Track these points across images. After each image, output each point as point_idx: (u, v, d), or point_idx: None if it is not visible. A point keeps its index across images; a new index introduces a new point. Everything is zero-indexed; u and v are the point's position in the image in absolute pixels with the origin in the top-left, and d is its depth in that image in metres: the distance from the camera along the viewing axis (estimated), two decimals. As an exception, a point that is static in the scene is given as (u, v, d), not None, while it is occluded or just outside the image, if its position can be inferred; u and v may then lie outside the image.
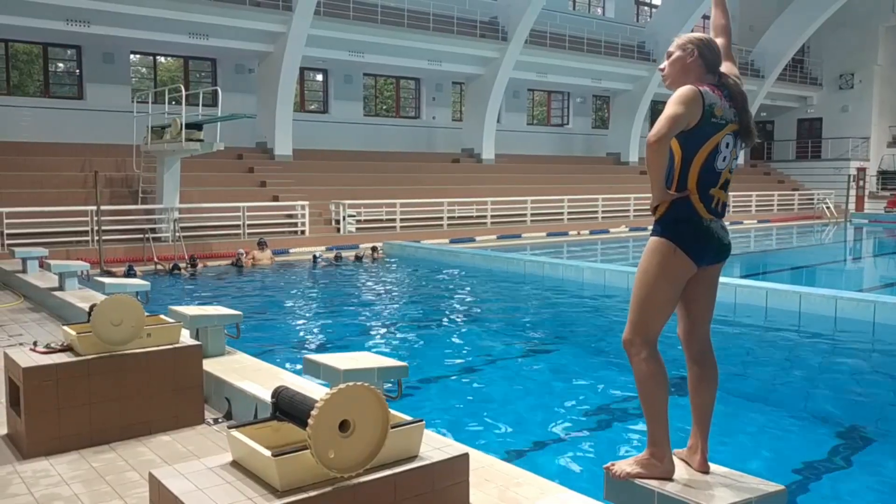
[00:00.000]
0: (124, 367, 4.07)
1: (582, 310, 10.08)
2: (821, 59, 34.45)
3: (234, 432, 2.56)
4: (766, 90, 30.87)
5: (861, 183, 32.53)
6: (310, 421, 2.29)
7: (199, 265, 13.39)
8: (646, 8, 32.48)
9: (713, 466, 2.79)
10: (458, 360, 7.05)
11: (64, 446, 3.87)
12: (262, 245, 14.47)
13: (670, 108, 2.67)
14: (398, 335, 8.26)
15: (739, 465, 2.86)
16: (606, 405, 5.54)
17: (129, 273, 11.69)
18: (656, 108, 31.57)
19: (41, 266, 10.00)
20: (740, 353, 7.32)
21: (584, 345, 7.88)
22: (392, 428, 2.52)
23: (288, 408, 2.58)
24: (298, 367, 4.79)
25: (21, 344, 6.09)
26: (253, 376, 4.64)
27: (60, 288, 8.38)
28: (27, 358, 3.95)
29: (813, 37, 32.04)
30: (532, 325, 9.00)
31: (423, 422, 2.70)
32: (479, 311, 10.01)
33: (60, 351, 4.09)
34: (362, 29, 20.44)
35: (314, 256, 14.60)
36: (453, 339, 8.08)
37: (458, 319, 9.36)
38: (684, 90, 2.72)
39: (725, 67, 2.97)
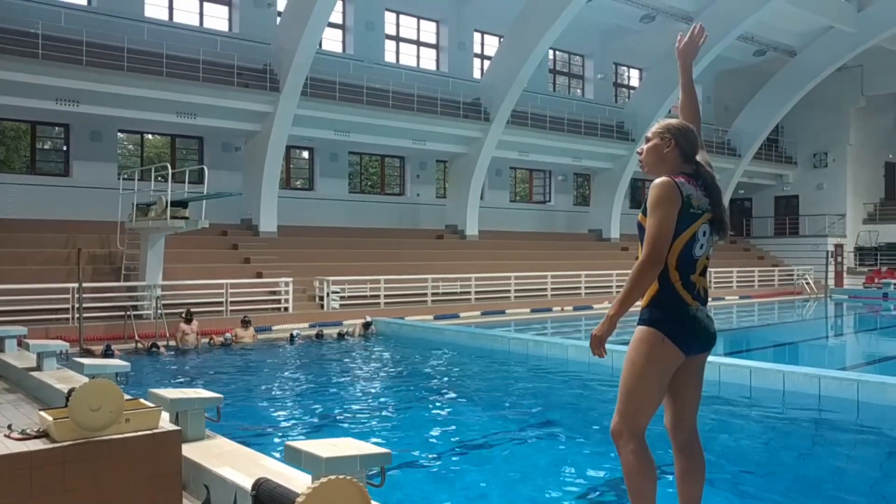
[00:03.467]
0: (101, 454, 3.97)
1: (567, 388, 10.02)
2: (795, 138, 35.48)
3: (213, 526, 2.50)
4: (742, 168, 31.63)
5: (839, 259, 33.02)
6: (291, 516, 2.25)
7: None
8: (624, 89, 33.47)
9: (701, 558, 2.75)
10: (443, 444, 6.95)
11: (35, 538, 3.74)
12: (245, 324, 14.28)
13: (654, 218, 2.71)
14: (381, 417, 8.15)
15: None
16: (594, 490, 5.45)
17: (107, 352, 11.52)
18: (636, 185, 32.20)
19: (19, 345, 9.84)
20: (725, 434, 7.27)
21: (570, 426, 7.80)
22: (375, 521, 2.48)
23: (268, 501, 2.53)
24: (280, 447, 4.71)
25: (-5, 428, 5.94)
26: (233, 462, 4.54)
27: (38, 368, 8.22)
28: (1, 445, 3.86)
29: (787, 117, 33.10)
30: (518, 405, 8.91)
31: (407, 514, 2.65)
32: (464, 390, 9.92)
33: (36, 437, 4.00)
34: (348, 109, 20.87)
35: (291, 335, 14.29)
36: (438, 421, 7.97)
37: (443, 400, 9.26)
38: (660, 189, 2.76)
39: (699, 155, 3.04)
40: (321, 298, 17.72)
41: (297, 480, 3.70)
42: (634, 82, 33.40)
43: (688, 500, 2.82)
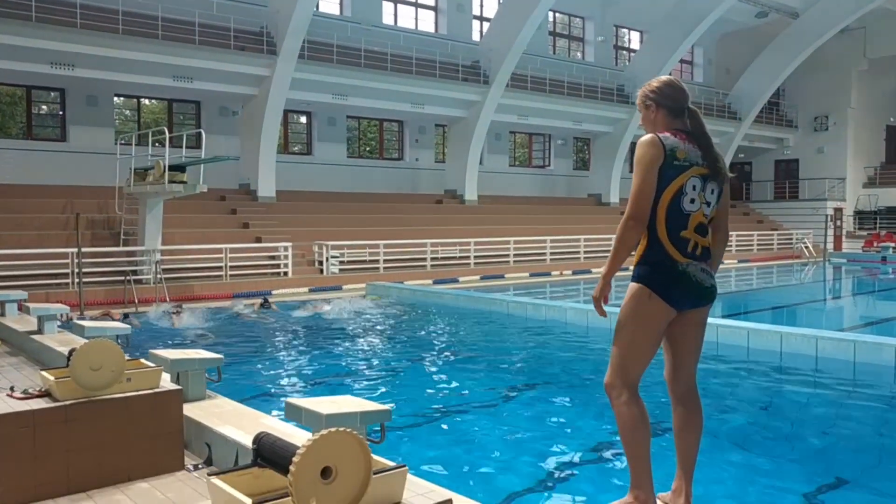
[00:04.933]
0: (103, 412, 4.01)
1: (566, 350, 10.07)
2: (796, 101, 35.23)
3: (215, 479, 2.53)
4: (743, 132, 31.44)
5: (838, 223, 33.00)
6: (291, 468, 2.27)
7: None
8: (624, 52, 33.14)
9: (697, 510, 2.79)
10: (443, 403, 7.01)
11: (39, 495, 3.79)
12: (265, 305, 13.48)
13: (635, 175, 2.81)
14: (382, 377, 8.21)
15: (723, 509, 2.85)
16: (591, 447, 5.51)
17: (124, 319, 11.38)
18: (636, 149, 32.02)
19: (20, 309, 9.88)
20: (723, 394, 7.34)
21: (568, 386, 7.87)
22: (375, 474, 2.50)
23: (269, 454, 2.56)
24: (281, 408, 4.75)
25: (-3, 389, 5.98)
26: (234, 421, 4.58)
27: (39, 331, 8.27)
28: (3, 404, 3.88)
29: (788, 80, 32.81)
30: (516, 366, 8.98)
31: (406, 467, 2.68)
32: (463, 352, 9.98)
33: (38, 396, 4.03)
34: (346, 73, 20.67)
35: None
36: (437, 381, 8.04)
37: (442, 361, 9.32)
38: (640, 147, 2.85)
39: None
40: (320, 263, 17.75)
41: (298, 437, 3.74)
42: (635, 45, 33.06)
43: (685, 451, 2.85)
